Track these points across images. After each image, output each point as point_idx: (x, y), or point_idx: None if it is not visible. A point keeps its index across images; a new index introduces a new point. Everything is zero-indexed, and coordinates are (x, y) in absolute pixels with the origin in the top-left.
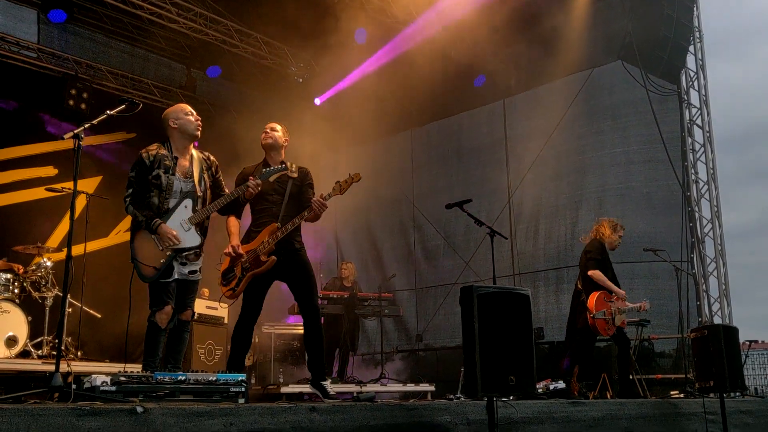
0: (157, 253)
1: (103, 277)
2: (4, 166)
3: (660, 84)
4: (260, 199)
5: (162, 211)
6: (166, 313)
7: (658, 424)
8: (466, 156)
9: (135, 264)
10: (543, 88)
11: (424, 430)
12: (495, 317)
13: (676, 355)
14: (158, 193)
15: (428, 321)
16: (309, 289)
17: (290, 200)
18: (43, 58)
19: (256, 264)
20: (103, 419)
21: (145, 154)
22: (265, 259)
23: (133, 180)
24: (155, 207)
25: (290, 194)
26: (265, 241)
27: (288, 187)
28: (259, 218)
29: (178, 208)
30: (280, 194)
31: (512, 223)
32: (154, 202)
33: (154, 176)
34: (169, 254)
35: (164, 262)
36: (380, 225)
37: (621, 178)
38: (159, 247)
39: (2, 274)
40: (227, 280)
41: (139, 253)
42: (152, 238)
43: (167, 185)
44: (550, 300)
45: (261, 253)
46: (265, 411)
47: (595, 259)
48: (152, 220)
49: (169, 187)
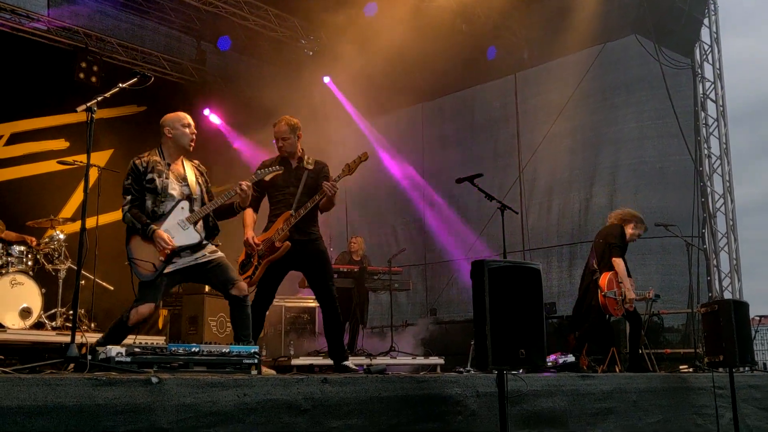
0: (156, 253)
1: (115, 249)
2: (16, 139)
3: (673, 57)
4: (276, 191)
5: (157, 215)
6: (140, 313)
7: (666, 398)
8: (479, 130)
9: (132, 264)
10: (555, 63)
11: (435, 402)
12: (506, 291)
13: (685, 330)
14: (153, 197)
15: (438, 295)
16: (325, 278)
17: (305, 191)
18: (53, 30)
19: (272, 250)
20: (119, 389)
21: (138, 161)
22: (280, 245)
23: (130, 187)
24: (149, 211)
25: (305, 185)
26: (279, 228)
27: (303, 179)
28: (274, 209)
29: (174, 210)
30: (295, 186)
31: (523, 198)
32: (149, 206)
33: (148, 180)
34: (168, 254)
35: (164, 261)
36: (390, 199)
37: (634, 153)
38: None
39: (16, 247)
40: (244, 270)
41: (137, 253)
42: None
43: (162, 189)
44: (563, 275)
45: (276, 240)
46: (277, 382)
47: (620, 247)
48: (148, 227)
49: (164, 191)
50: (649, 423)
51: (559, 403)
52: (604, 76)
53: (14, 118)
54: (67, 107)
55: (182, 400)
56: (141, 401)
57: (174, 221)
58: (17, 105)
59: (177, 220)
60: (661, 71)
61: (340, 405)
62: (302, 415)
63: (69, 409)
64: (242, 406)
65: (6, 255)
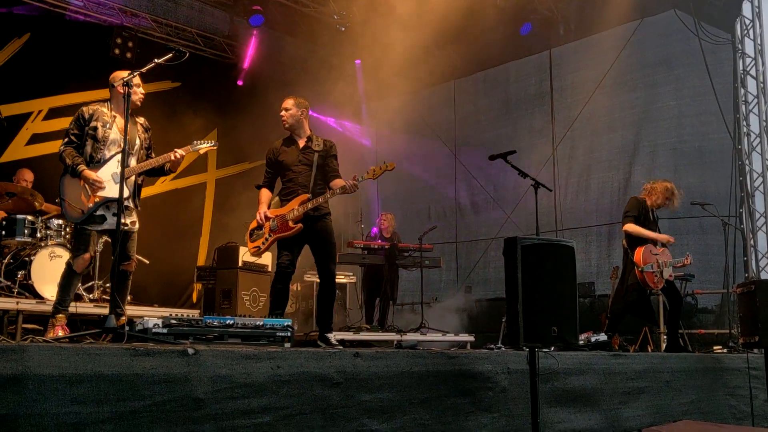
0: (85, 199)
1: (151, 223)
2: (54, 114)
3: (713, 33)
4: (287, 170)
5: (94, 161)
6: (83, 260)
7: (700, 379)
8: (513, 107)
9: (61, 203)
10: (592, 38)
11: (465, 378)
12: (539, 269)
13: (720, 311)
14: (92, 144)
15: (468, 273)
16: (327, 255)
17: (318, 171)
18: (89, 7)
19: (284, 229)
20: (157, 359)
21: (85, 108)
22: (293, 226)
23: (70, 130)
24: (87, 156)
25: (317, 166)
26: (294, 208)
27: (314, 159)
28: (288, 187)
29: (110, 161)
30: (306, 165)
31: (556, 176)
32: (87, 150)
33: (91, 128)
34: (97, 201)
35: (91, 207)
36: (421, 177)
37: (673, 132)
38: (87, 193)
39: (54, 220)
40: (253, 238)
41: (67, 194)
42: (81, 185)
43: (103, 137)
44: (602, 254)
45: (289, 219)
46: (310, 355)
47: (632, 216)
48: (77, 166)
49: (104, 139)
50: (681, 403)
51: (591, 381)
52: (643, 52)
53: (52, 94)
54: (103, 83)
55: (217, 371)
56: (177, 372)
57: (108, 172)
58: (54, 81)
59: (111, 172)
60: (700, 47)
61: (371, 379)
62: (334, 388)
63: (108, 378)
64: (276, 378)
65: (45, 228)
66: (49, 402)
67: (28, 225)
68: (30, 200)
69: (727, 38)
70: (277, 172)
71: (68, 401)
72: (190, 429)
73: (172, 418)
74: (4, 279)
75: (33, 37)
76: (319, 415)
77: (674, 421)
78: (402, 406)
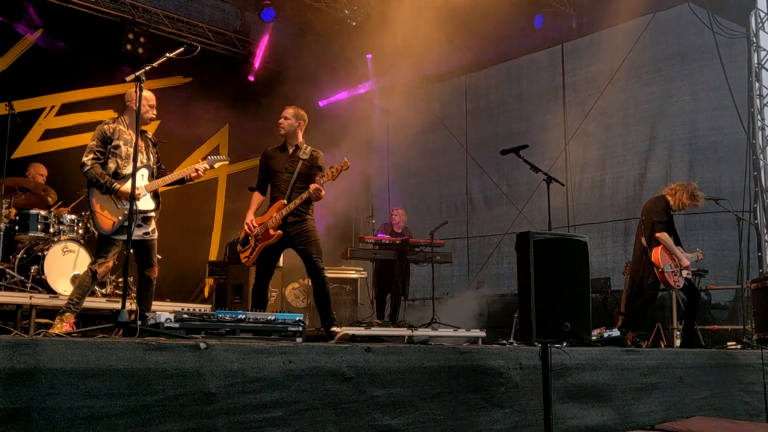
0: (116, 211)
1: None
2: (66, 109)
3: (728, 26)
4: (274, 176)
5: (119, 177)
6: (107, 267)
7: (713, 375)
8: (525, 101)
9: (93, 216)
10: (604, 32)
11: (477, 373)
12: (551, 264)
13: (733, 307)
14: (117, 161)
15: (480, 268)
16: (312, 252)
17: (298, 179)
18: (100, 2)
19: (266, 237)
20: (169, 354)
21: (106, 126)
22: (273, 233)
23: (95, 147)
24: (111, 172)
25: (299, 173)
26: (273, 216)
27: (297, 168)
28: (273, 192)
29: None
30: (289, 173)
31: (568, 171)
32: (111, 167)
33: (113, 146)
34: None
35: (122, 219)
36: (432, 172)
37: (688, 127)
38: (117, 206)
39: (67, 215)
40: (244, 247)
41: (99, 207)
42: (111, 198)
43: (126, 155)
44: (617, 250)
45: (270, 227)
46: (322, 350)
47: (663, 222)
48: (112, 184)
49: (128, 156)
50: (694, 399)
51: (604, 377)
52: (656, 46)
53: (64, 89)
54: (115, 78)
55: (229, 365)
56: (189, 366)
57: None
58: (67, 76)
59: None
60: (714, 41)
61: (383, 374)
62: (346, 383)
63: (120, 372)
64: (288, 372)
65: (57, 223)
66: (62, 396)
67: (41, 220)
68: (43, 195)
69: (742, 32)
70: (267, 176)
71: (81, 395)
72: (202, 423)
73: (184, 412)
74: (18, 274)
75: (45, 33)
76: (331, 410)
77: (687, 417)
78: (414, 401)
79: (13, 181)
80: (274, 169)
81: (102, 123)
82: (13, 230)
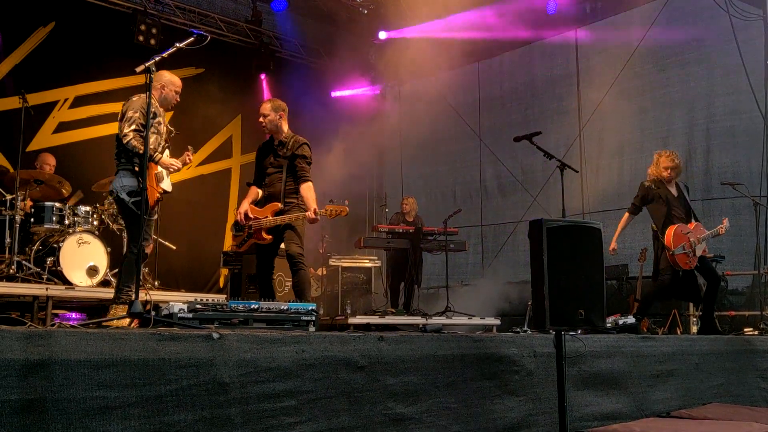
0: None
1: (176, 209)
2: (79, 102)
3: (744, 8)
4: (265, 171)
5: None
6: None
7: (730, 361)
8: (539, 88)
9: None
10: (618, 17)
11: (491, 362)
12: (565, 251)
13: (750, 293)
14: (157, 137)
15: (494, 256)
16: (290, 241)
17: (288, 173)
18: None
19: (258, 237)
20: (182, 344)
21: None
22: (266, 237)
23: (138, 120)
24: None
25: (288, 170)
26: (269, 218)
27: (285, 167)
28: (266, 188)
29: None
30: (277, 168)
31: (583, 158)
32: (151, 142)
33: (156, 122)
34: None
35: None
36: (446, 159)
37: (705, 112)
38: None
39: (82, 207)
40: (237, 233)
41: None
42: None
43: (162, 132)
44: (636, 237)
45: (263, 229)
46: (335, 339)
47: (632, 204)
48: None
49: (162, 134)
50: (711, 386)
51: (619, 364)
52: (671, 30)
53: (77, 82)
54: (127, 70)
55: (242, 355)
56: (203, 356)
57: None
58: (80, 69)
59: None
60: (730, 24)
61: (396, 362)
62: (359, 372)
63: (134, 363)
64: (301, 361)
65: (72, 215)
66: (76, 387)
67: (56, 212)
68: (57, 187)
69: (759, 14)
70: (260, 170)
71: (95, 386)
72: (215, 413)
73: (197, 402)
74: (34, 266)
75: (58, 26)
76: (344, 399)
77: (704, 404)
78: (427, 389)
79: (28, 174)
80: (264, 164)
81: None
82: (29, 222)
